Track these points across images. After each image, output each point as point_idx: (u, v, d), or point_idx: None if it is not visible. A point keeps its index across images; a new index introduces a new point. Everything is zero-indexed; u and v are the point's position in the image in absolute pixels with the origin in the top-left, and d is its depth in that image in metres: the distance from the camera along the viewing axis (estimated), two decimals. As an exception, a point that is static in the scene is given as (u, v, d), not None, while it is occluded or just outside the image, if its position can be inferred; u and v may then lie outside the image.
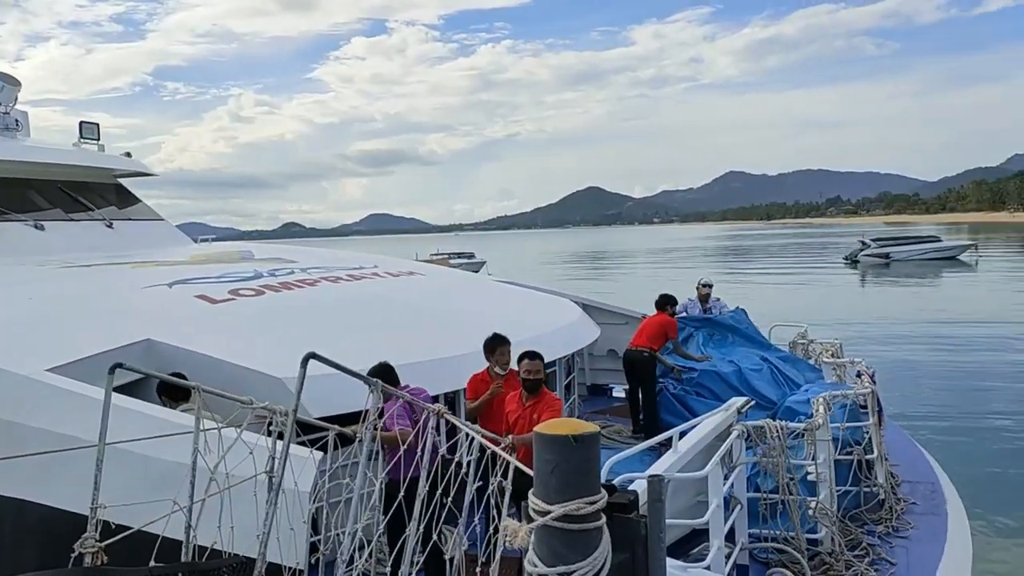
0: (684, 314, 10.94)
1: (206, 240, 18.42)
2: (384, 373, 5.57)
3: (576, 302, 11.69)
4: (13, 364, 5.27)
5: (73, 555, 3.09)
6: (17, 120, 12.60)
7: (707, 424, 5.44)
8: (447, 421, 4.32)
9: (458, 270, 18.25)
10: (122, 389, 4.88)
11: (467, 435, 4.08)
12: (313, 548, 4.47)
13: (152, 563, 3.35)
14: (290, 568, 3.80)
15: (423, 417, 4.22)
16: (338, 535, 4.34)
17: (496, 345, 6.40)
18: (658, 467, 4.72)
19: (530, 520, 2.16)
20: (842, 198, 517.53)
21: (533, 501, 2.16)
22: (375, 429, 3.81)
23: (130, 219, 12.97)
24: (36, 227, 10.89)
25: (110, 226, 12.24)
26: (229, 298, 7.92)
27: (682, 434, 5.23)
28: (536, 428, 2.20)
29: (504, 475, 3.44)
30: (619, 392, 11.60)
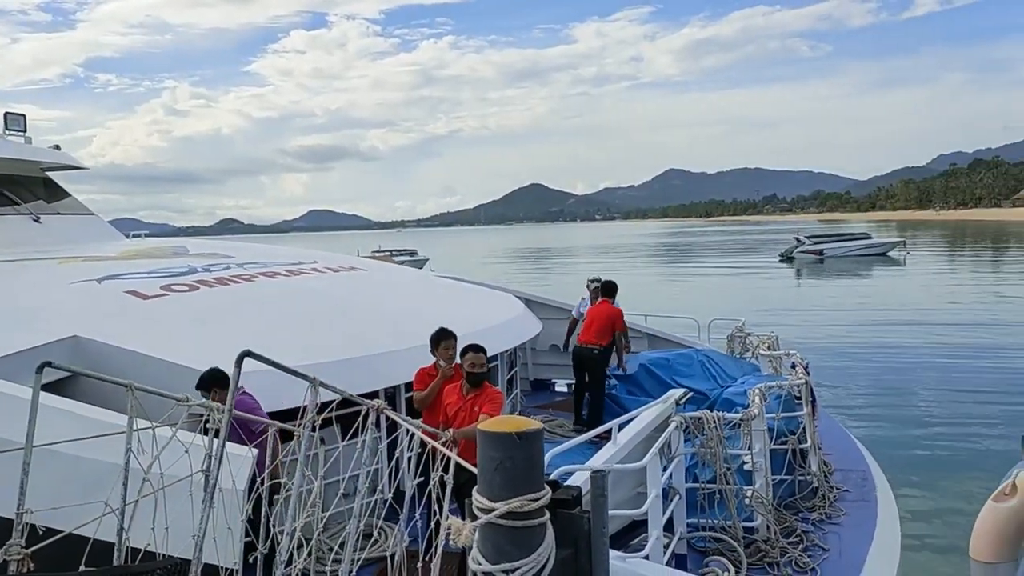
0: (575, 315, 10.85)
1: (139, 236, 17.90)
2: (216, 380, 5.39)
3: (519, 297, 11.72)
4: (-69, 363, 5.04)
5: (-3, 562, 2.97)
6: (-62, 110, 12.05)
7: (646, 416, 5.51)
8: (387, 417, 4.28)
9: (400, 266, 18.12)
10: (49, 387, 4.70)
11: (407, 430, 4.05)
12: (251, 547, 4.38)
13: (82, 567, 3.24)
14: (227, 568, 3.73)
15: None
16: (276, 534, 4.27)
17: (440, 339, 6.36)
18: (598, 459, 4.76)
19: (474, 518, 2.15)
20: (778, 196, 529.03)
21: (477, 499, 2.16)
22: (312, 426, 3.75)
23: (58, 213, 12.52)
24: (-43, 221, 10.44)
25: (37, 220, 11.80)
26: (161, 294, 7.71)
27: (621, 426, 5.28)
28: (480, 425, 2.20)
29: (445, 470, 3.43)
30: (562, 387, 11.69)
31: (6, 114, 12.98)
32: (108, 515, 3.45)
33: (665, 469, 5.16)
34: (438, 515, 3.38)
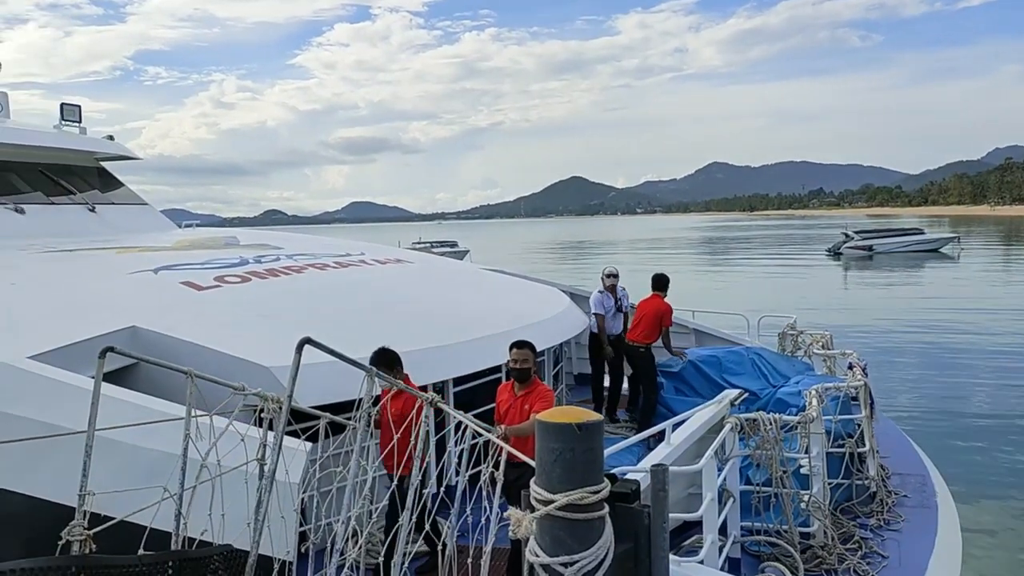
0: (601, 312, 10.09)
1: (190, 226, 18.17)
2: None
3: (564, 291, 11.64)
4: (-6, 351, 5.15)
5: (60, 543, 3.01)
6: (-3, 101, 12.36)
7: (700, 416, 5.41)
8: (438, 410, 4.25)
9: (445, 258, 18.16)
10: (108, 378, 4.78)
11: (457, 426, 4.02)
12: (303, 537, 4.40)
13: (141, 551, 3.27)
14: (279, 559, 3.74)
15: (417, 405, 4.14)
16: (328, 524, 4.28)
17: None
18: (651, 459, 4.69)
19: (532, 509, 2.11)
20: (824, 190, 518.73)
21: (535, 490, 2.12)
22: (370, 417, 3.74)
23: (113, 203, 12.75)
24: (17, 211, 10.68)
25: (93, 210, 12.03)
26: (215, 285, 7.80)
27: (675, 427, 5.19)
28: (538, 416, 2.16)
29: (496, 465, 3.39)
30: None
31: (62, 105, 13.25)
32: (166, 502, 3.49)
33: (719, 471, 5.06)
34: (488, 511, 3.35)
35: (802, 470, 5.62)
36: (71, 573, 2.74)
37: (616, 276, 10.34)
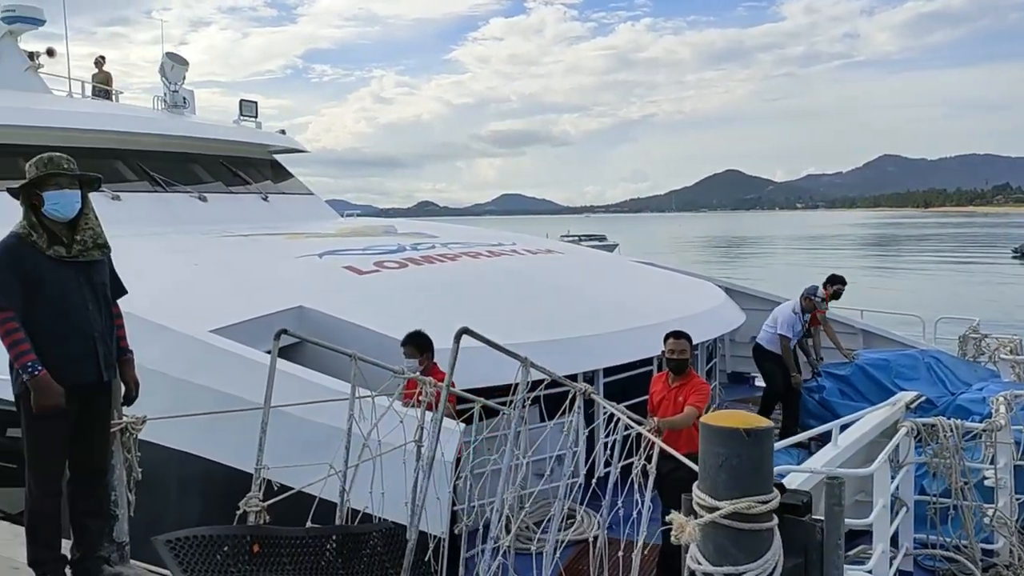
0: (789, 335, 8.80)
1: (351, 215, 19.07)
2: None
3: (719, 286, 11.28)
4: (180, 325, 5.61)
5: (238, 512, 3.22)
6: (185, 98, 13.43)
7: (871, 419, 5.05)
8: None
9: (596, 250, 18.04)
10: (278, 352, 5.07)
11: (607, 416, 3.95)
12: (455, 517, 4.49)
13: (309, 523, 3.45)
14: (434, 536, 3.82)
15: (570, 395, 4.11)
16: (480, 507, 4.34)
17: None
18: (815, 461, 4.44)
19: (694, 514, 2.03)
20: (1011, 185, 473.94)
21: (699, 495, 2.05)
22: (523, 404, 3.74)
23: (283, 193, 13.59)
24: (200, 199, 11.60)
25: (266, 199, 12.87)
26: (374, 270, 8.14)
27: (843, 428, 4.89)
28: (703, 419, 2.11)
29: (648, 458, 3.31)
30: (761, 381, 11.08)
31: (241, 101, 14.28)
32: (331, 477, 3.64)
33: (892, 478, 4.72)
34: (640, 504, 3.28)
35: (986, 482, 5.18)
36: (246, 541, 2.94)
37: (826, 301, 9.14)
